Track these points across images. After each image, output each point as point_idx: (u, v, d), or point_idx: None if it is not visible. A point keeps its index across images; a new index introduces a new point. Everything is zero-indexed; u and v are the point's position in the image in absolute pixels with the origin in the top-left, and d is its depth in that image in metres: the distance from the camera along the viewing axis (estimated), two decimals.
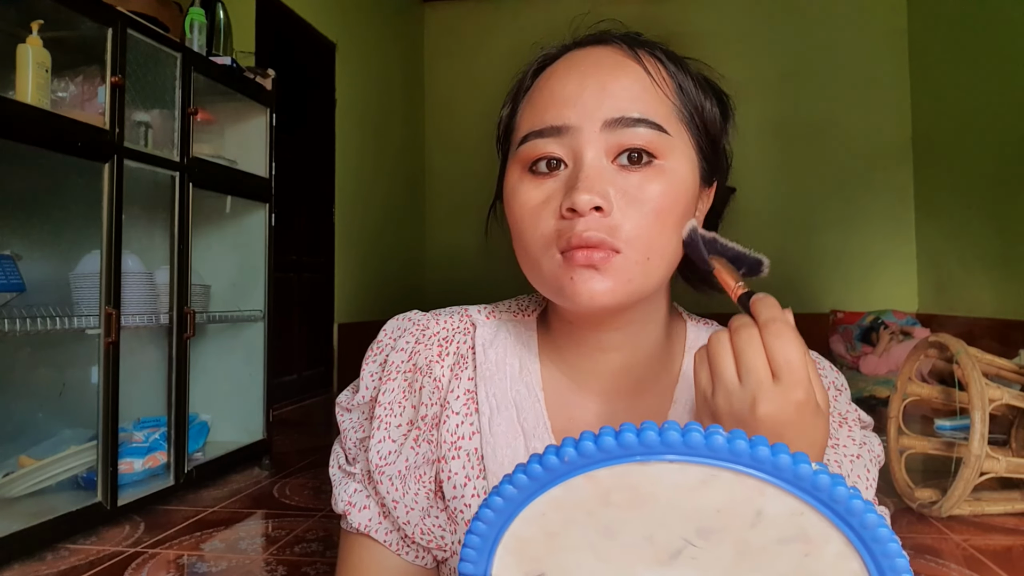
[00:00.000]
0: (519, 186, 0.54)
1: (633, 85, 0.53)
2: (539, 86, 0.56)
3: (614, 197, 0.51)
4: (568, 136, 0.52)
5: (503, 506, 0.34)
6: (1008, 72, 3.78)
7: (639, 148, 0.52)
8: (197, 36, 2.21)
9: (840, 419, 0.61)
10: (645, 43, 0.57)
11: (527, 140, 0.54)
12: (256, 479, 2.30)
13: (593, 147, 0.52)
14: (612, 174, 0.52)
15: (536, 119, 0.54)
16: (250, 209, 2.50)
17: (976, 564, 1.58)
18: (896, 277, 5.08)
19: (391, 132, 5.20)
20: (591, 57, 0.55)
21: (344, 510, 0.62)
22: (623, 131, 0.51)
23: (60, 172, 1.94)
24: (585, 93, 0.52)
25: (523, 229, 0.54)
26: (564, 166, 0.53)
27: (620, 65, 0.54)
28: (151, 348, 2.23)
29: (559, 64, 0.56)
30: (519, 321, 0.65)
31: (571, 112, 0.52)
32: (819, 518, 0.32)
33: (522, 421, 0.59)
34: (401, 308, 0.71)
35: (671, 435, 0.31)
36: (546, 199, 0.53)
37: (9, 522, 1.59)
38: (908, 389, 2.04)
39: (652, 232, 0.51)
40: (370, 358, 0.65)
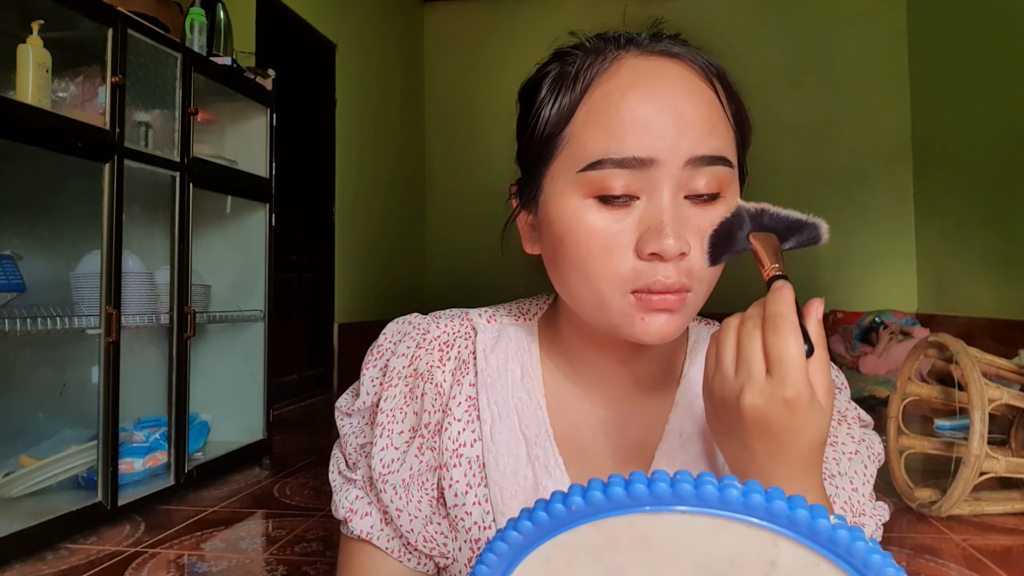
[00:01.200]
0: (585, 213, 0.51)
1: (710, 115, 0.51)
2: (608, 99, 0.50)
3: (689, 236, 0.50)
4: (650, 170, 0.49)
5: (507, 551, 0.34)
6: (1008, 72, 3.78)
7: (711, 191, 0.51)
8: (197, 36, 2.21)
9: (839, 417, 0.61)
10: (710, 61, 0.54)
11: (601, 166, 0.49)
12: (256, 479, 2.30)
13: (672, 185, 0.50)
14: (687, 212, 0.51)
15: (613, 143, 0.49)
16: (250, 209, 2.50)
17: (976, 564, 1.58)
18: (896, 277, 5.08)
19: (391, 132, 5.20)
20: (664, 75, 0.51)
21: (345, 516, 0.61)
22: (702, 169, 0.50)
23: (60, 172, 1.94)
24: (667, 122, 0.49)
25: (588, 261, 0.51)
26: (637, 198, 0.50)
27: (696, 91, 0.51)
28: (151, 348, 2.23)
29: (626, 75, 0.51)
30: (520, 325, 0.64)
31: (657, 144, 0.49)
32: (835, 570, 0.31)
33: (524, 428, 0.59)
34: (401, 308, 0.71)
35: (683, 487, 0.31)
36: (619, 232, 0.50)
37: (9, 522, 1.59)
38: (908, 389, 2.04)
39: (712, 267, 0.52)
40: (370, 363, 0.64)
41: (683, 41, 0.55)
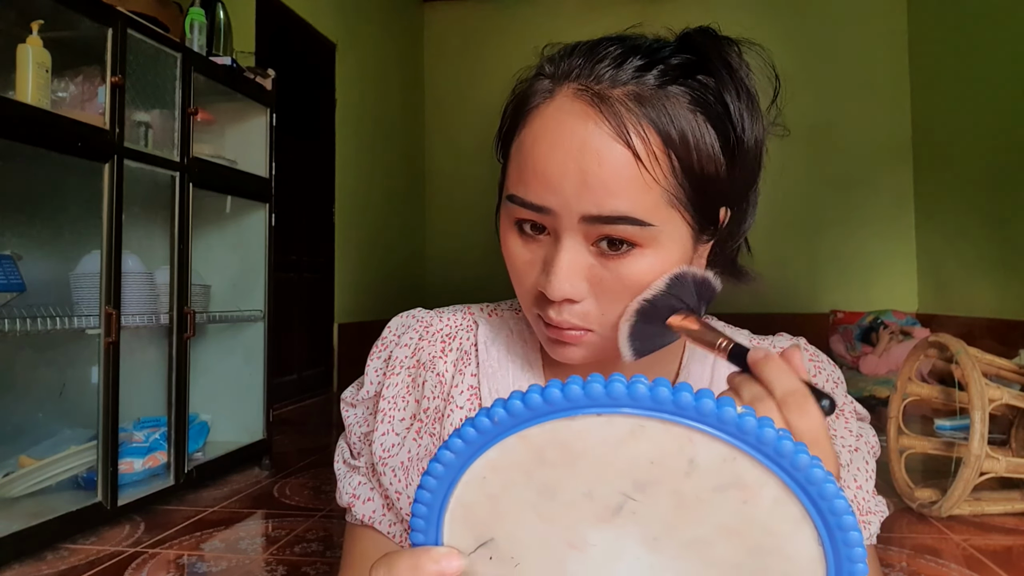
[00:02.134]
0: (509, 238, 0.55)
1: (619, 176, 0.48)
2: (526, 142, 0.52)
3: (589, 286, 0.51)
4: (550, 216, 0.51)
5: (443, 472, 0.34)
6: (1008, 72, 3.78)
7: (619, 238, 0.50)
8: (197, 36, 2.21)
9: (837, 411, 0.62)
10: (643, 100, 0.50)
11: (512, 200, 0.52)
12: (256, 479, 2.30)
13: (571, 234, 0.51)
14: (588, 263, 0.51)
15: (520, 186, 0.52)
16: (250, 209, 2.50)
17: (976, 564, 1.58)
18: (896, 277, 5.08)
19: (391, 132, 5.20)
20: (577, 131, 0.49)
21: (348, 502, 0.63)
22: (602, 226, 0.49)
23: (60, 172, 1.94)
24: (566, 179, 0.49)
25: (513, 277, 0.56)
26: (547, 232, 0.52)
27: (606, 148, 0.49)
28: (151, 348, 2.23)
29: (548, 117, 0.51)
30: (520, 319, 0.65)
31: (552, 198, 0.50)
32: (752, 463, 0.31)
33: None
34: (401, 308, 0.71)
35: (595, 387, 0.31)
36: (530, 260, 0.54)
37: (9, 522, 1.59)
38: (908, 389, 2.04)
39: (614, 310, 0.52)
40: (374, 354, 0.66)
41: (654, 52, 0.52)
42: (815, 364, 0.63)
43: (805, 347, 0.63)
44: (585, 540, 0.34)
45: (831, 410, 0.43)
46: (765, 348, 0.46)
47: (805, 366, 0.58)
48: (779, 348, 0.60)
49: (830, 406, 0.42)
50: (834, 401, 0.43)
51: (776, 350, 0.57)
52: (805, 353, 0.62)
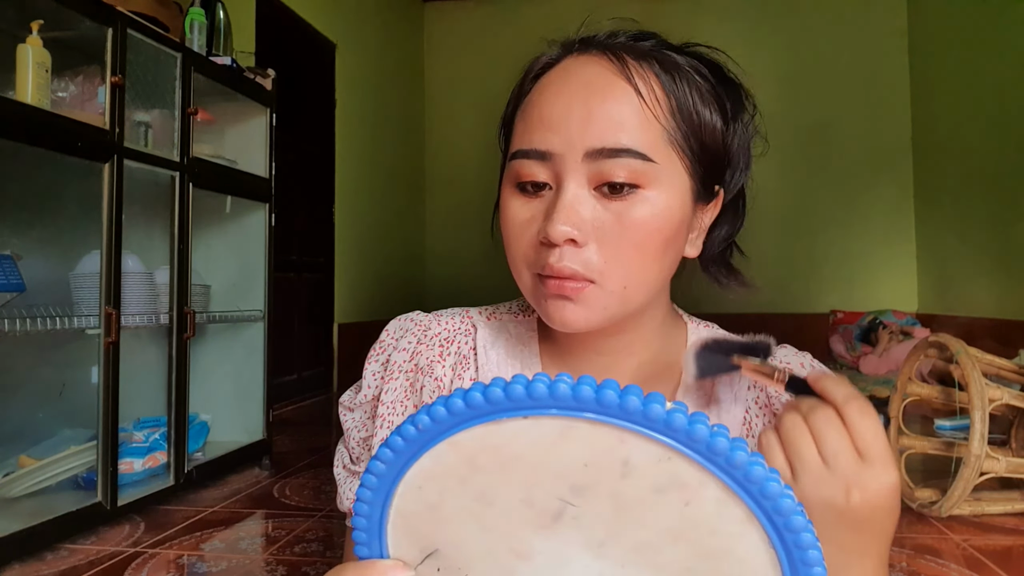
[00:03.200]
0: (509, 201, 0.55)
1: (621, 110, 0.51)
2: (533, 99, 0.55)
3: (592, 228, 0.51)
4: (552, 162, 0.52)
5: (377, 483, 0.34)
6: (1008, 72, 3.78)
7: (620, 180, 0.51)
8: (197, 36, 2.21)
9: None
10: (644, 54, 0.54)
11: (516, 157, 0.54)
12: (256, 479, 2.30)
13: (575, 176, 0.51)
14: (591, 204, 0.51)
15: (525, 138, 0.53)
16: (250, 209, 2.50)
17: (976, 564, 1.58)
18: (896, 277, 5.08)
19: (391, 132, 5.20)
20: (582, 74, 0.53)
21: (349, 508, 0.62)
22: (604, 161, 0.50)
23: (60, 172, 1.94)
24: (571, 118, 0.51)
25: (509, 243, 0.55)
26: (549, 188, 0.53)
27: (609, 86, 0.52)
28: (151, 348, 2.23)
29: (553, 74, 0.55)
30: (519, 322, 0.65)
31: (555, 138, 0.51)
32: (688, 463, 0.30)
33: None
34: (401, 308, 0.71)
35: (516, 389, 0.31)
36: (530, 218, 0.53)
37: (9, 522, 1.59)
38: (908, 389, 2.04)
39: (630, 262, 0.52)
40: (372, 358, 0.65)
41: (641, 38, 0.56)
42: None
43: (811, 362, 0.63)
44: (530, 548, 0.34)
45: (886, 425, 0.46)
46: (819, 371, 0.50)
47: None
48: (783, 358, 0.62)
49: (885, 421, 0.45)
50: (888, 417, 0.45)
51: (781, 360, 0.61)
52: (808, 367, 0.62)
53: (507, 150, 0.57)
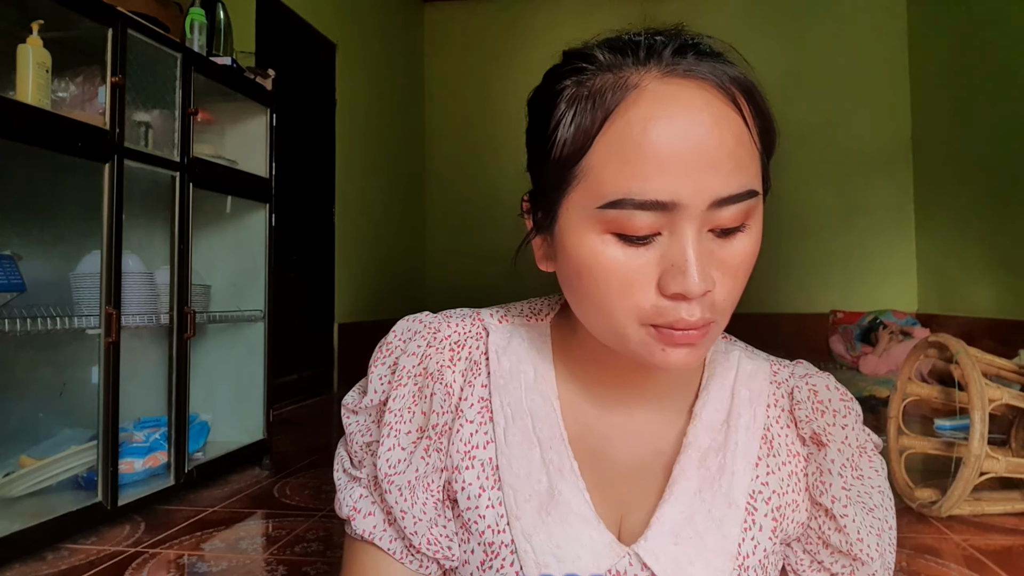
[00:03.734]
0: (604, 249, 0.49)
1: (736, 147, 0.47)
2: (628, 133, 0.47)
3: (713, 270, 0.49)
4: (673, 212, 0.47)
5: None
6: (1008, 72, 3.78)
7: (738, 224, 0.49)
8: (197, 36, 2.21)
9: (859, 448, 0.60)
10: (737, 77, 0.49)
11: (621, 206, 0.47)
12: (256, 479, 2.30)
13: (697, 224, 0.47)
14: (710, 245, 0.49)
15: (634, 184, 0.46)
16: (250, 209, 2.50)
17: (976, 564, 1.58)
18: (896, 277, 5.08)
19: (391, 132, 5.20)
20: (688, 104, 0.47)
21: (348, 515, 0.61)
22: (727, 208, 0.47)
23: (60, 172, 1.94)
24: (691, 162, 0.46)
25: (607, 297, 0.50)
26: (659, 234, 0.48)
27: (723, 118, 0.47)
28: (151, 348, 2.23)
29: (647, 104, 0.47)
30: (532, 326, 0.63)
31: (679, 187, 0.46)
32: None
33: (537, 431, 0.58)
34: (401, 308, 0.70)
35: None
36: (639, 268, 0.48)
37: (9, 522, 1.59)
38: (908, 389, 2.04)
39: (739, 293, 0.51)
40: (379, 360, 0.63)
41: (707, 50, 0.51)
42: (830, 403, 0.60)
43: (835, 384, 0.61)
44: None
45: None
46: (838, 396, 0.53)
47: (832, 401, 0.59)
48: (801, 376, 0.61)
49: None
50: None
51: (799, 381, 0.60)
52: (834, 392, 0.60)
53: (564, 182, 0.50)
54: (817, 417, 0.58)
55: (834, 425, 0.58)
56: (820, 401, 0.59)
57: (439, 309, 0.65)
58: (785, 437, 0.59)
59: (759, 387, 0.61)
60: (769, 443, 0.59)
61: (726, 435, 0.58)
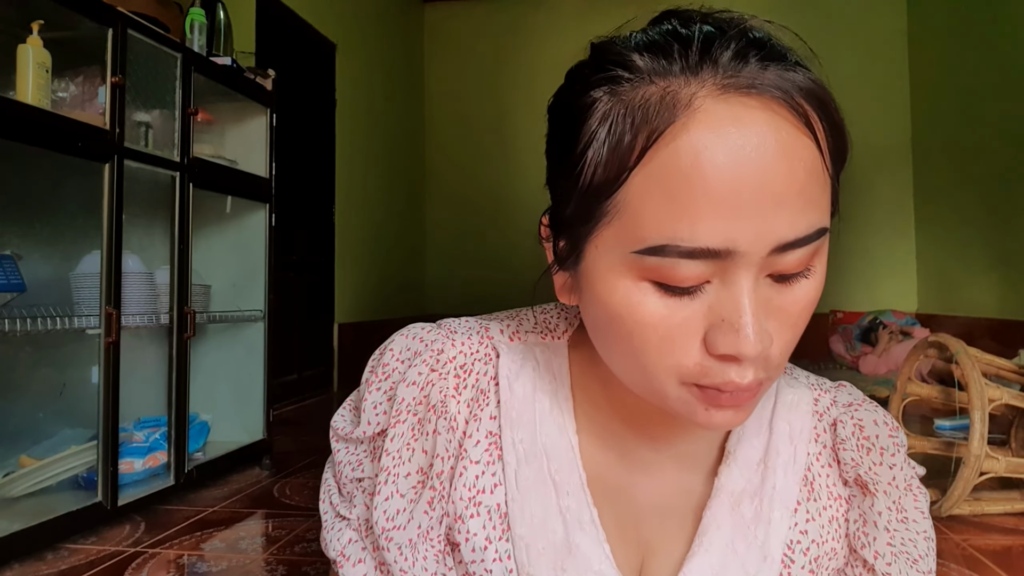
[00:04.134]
0: (641, 299, 0.41)
1: (808, 180, 0.39)
2: (675, 165, 0.38)
3: (770, 322, 0.41)
4: (727, 259, 0.39)
5: None
6: (1008, 72, 3.78)
7: (802, 268, 0.41)
8: (197, 36, 2.21)
9: (906, 487, 0.53)
10: (810, 88, 0.40)
11: (664, 253, 0.39)
12: (256, 479, 2.30)
13: (754, 272, 0.40)
14: (768, 294, 0.41)
15: (681, 228, 0.38)
16: (250, 209, 2.50)
17: (976, 564, 1.58)
18: (896, 277, 5.08)
19: (391, 132, 5.20)
20: (752, 130, 0.38)
21: (335, 559, 0.55)
22: (792, 252, 0.39)
23: (60, 172, 1.94)
24: (752, 202, 0.38)
25: (643, 351, 0.42)
26: (708, 282, 0.40)
27: (792, 147, 0.39)
28: (151, 348, 2.23)
29: (700, 130, 0.38)
30: (548, 345, 0.54)
31: (737, 233, 0.38)
32: None
33: (553, 472, 0.51)
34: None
35: None
36: (684, 321, 0.41)
37: (9, 522, 1.59)
38: (908, 389, 2.04)
39: (796, 342, 0.43)
40: (374, 384, 0.55)
41: (773, 50, 0.41)
42: (877, 440, 0.53)
43: (884, 418, 0.54)
44: None
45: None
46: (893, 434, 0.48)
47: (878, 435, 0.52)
48: (845, 406, 0.54)
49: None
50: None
51: (843, 413, 0.53)
52: (882, 427, 0.53)
53: (594, 216, 0.42)
54: (863, 456, 0.52)
55: (881, 464, 0.52)
56: (867, 437, 0.52)
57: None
58: (826, 478, 0.53)
59: (800, 421, 0.53)
60: (810, 485, 0.52)
61: (763, 477, 0.52)
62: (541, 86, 0.55)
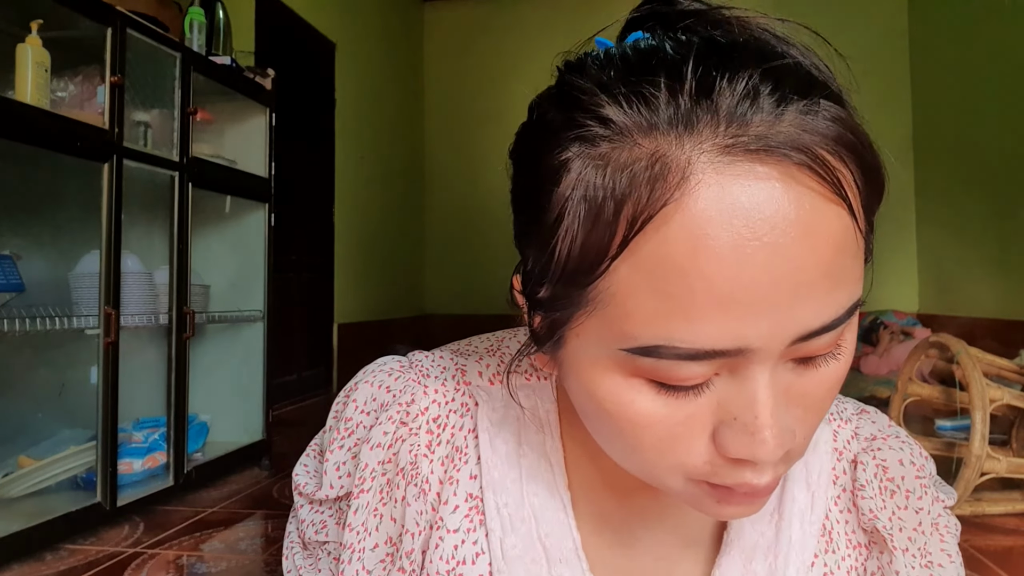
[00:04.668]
0: (634, 397, 0.34)
1: (836, 256, 0.31)
2: (669, 254, 0.31)
3: (791, 412, 0.35)
4: (737, 357, 0.32)
5: None
6: (1009, 71, 3.78)
7: (827, 351, 0.35)
8: (197, 36, 2.21)
9: (932, 528, 0.48)
10: (842, 138, 0.32)
11: (659, 355, 0.32)
12: (256, 479, 2.30)
13: (771, 364, 0.33)
14: (788, 379, 0.34)
15: (678, 329, 0.31)
16: (250, 209, 2.49)
17: (976, 564, 1.58)
18: (897, 277, 5.08)
19: (391, 132, 5.20)
20: (765, 212, 0.30)
21: None
22: (819, 339, 0.33)
23: (59, 172, 1.94)
24: (768, 297, 0.31)
25: (639, 449, 0.36)
26: (717, 373, 0.34)
27: (816, 223, 0.31)
28: (151, 348, 2.23)
29: (700, 209, 0.30)
30: (534, 387, 0.47)
31: (750, 331, 0.31)
32: None
33: (543, 537, 0.45)
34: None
35: None
36: (685, 420, 0.34)
37: (9, 522, 1.59)
38: (909, 389, 2.04)
39: (817, 424, 0.37)
40: (336, 441, 0.49)
41: (791, 81, 0.32)
42: (903, 482, 0.47)
43: (911, 459, 0.48)
44: None
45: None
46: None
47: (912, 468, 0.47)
48: (868, 440, 0.48)
49: None
50: None
51: (865, 452, 0.48)
52: (908, 468, 0.48)
53: (572, 304, 0.35)
54: (886, 500, 0.46)
55: (906, 509, 0.46)
56: (891, 479, 0.47)
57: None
58: (845, 524, 0.47)
59: (819, 462, 0.47)
60: (828, 535, 0.46)
61: (777, 529, 0.46)
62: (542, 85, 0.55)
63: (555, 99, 0.36)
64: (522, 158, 0.38)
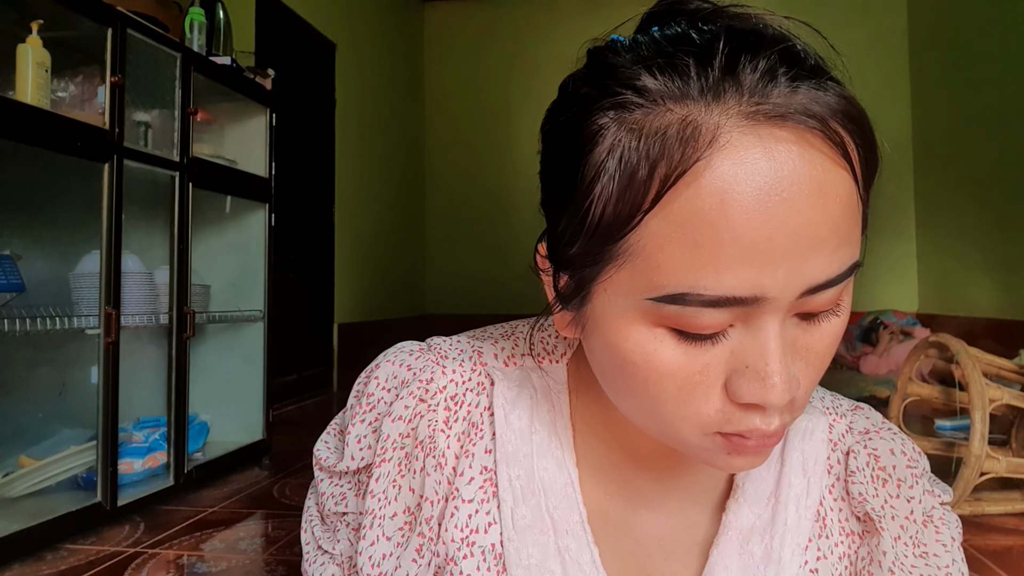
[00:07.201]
0: (657, 347, 0.38)
1: (842, 215, 0.36)
2: (698, 208, 0.34)
3: (797, 363, 0.39)
4: (753, 306, 0.36)
5: None
6: (1008, 72, 3.78)
7: (831, 307, 0.39)
8: (197, 36, 2.21)
9: (925, 518, 0.50)
10: (847, 111, 0.37)
11: (685, 302, 0.36)
12: (256, 479, 2.30)
13: (781, 315, 0.37)
14: (794, 334, 0.39)
15: (704, 276, 0.35)
16: (250, 209, 2.50)
17: (976, 564, 1.58)
18: (897, 277, 5.08)
19: (391, 132, 5.20)
20: (786, 166, 0.34)
21: None
22: (822, 293, 0.37)
23: (60, 172, 1.94)
24: (785, 248, 0.35)
25: (659, 400, 0.40)
26: (731, 325, 0.38)
27: (827, 183, 0.35)
28: (151, 348, 2.23)
29: (725, 167, 0.34)
30: (546, 369, 0.51)
31: (767, 280, 0.35)
32: None
33: (551, 510, 0.48)
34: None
35: None
36: (702, 369, 0.38)
37: (9, 522, 1.59)
38: (908, 389, 2.04)
39: (820, 378, 0.41)
40: (358, 415, 0.52)
41: (804, 63, 0.37)
42: (894, 471, 0.50)
43: (903, 449, 0.51)
44: None
45: None
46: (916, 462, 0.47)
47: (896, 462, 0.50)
48: (861, 434, 0.51)
49: None
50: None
51: (857, 443, 0.51)
52: (900, 457, 0.51)
53: (603, 259, 0.38)
54: (878, 488, 0.49)
55: (898, 497, 0.49)
56: (882, 468, 0.50)
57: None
58: (839, 512, 0.50)
59: (815, 450, 0.50)
60: (822, 520, 0.50)
61: (773, 512, 0.49)
62: (542, 85, 0.55)
63: (588, 75, 0.40)
64: (554, 131, 0.42)
